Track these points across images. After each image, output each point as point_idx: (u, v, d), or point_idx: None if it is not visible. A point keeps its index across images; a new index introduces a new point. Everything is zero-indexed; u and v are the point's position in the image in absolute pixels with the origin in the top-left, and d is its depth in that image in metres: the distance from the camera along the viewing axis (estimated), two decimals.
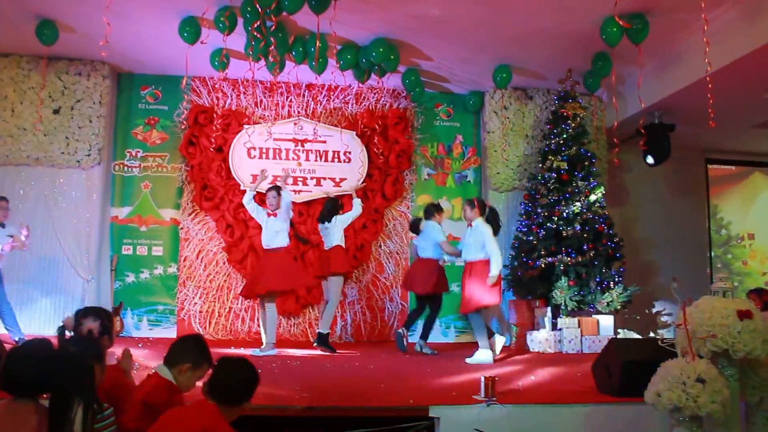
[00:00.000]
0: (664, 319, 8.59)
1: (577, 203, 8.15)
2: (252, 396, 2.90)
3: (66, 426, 2.46)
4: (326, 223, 7.49)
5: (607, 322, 8.01)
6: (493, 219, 6.91)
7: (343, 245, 7.55)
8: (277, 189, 7.17)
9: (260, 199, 7.64)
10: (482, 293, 6.59)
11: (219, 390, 2.78)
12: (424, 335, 7.46)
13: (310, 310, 8.77)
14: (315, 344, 7.45)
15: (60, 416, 2.47)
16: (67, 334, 2.96)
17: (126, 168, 8.83)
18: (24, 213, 7.95)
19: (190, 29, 7.14)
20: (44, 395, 2.70)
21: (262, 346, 6.95)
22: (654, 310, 9.54)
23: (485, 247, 6.63)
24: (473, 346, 6.88)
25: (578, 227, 8.07)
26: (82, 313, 3.10)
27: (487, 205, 7.11)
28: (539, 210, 8.38)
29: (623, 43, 6.95)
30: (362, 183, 8.87)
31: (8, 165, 8.18)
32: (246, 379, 2.88)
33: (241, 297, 8.25)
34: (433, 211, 7.54)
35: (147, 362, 5.85)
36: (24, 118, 8.18)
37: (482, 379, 4.36)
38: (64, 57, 8.29)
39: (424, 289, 7.42)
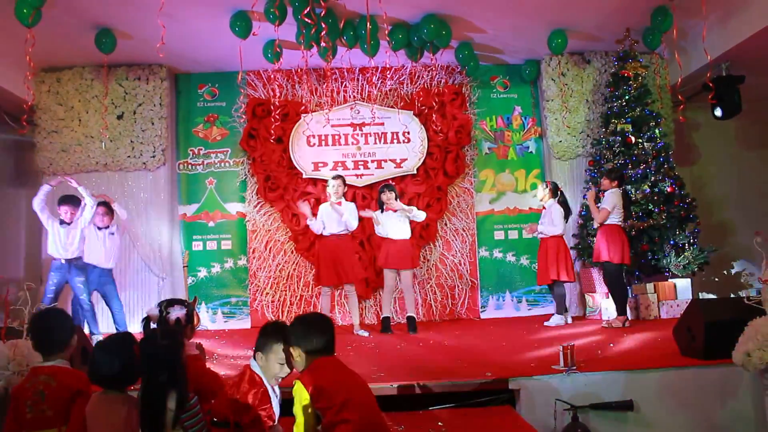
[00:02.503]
0: (746, 278, 8.27)
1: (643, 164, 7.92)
2: None
3: (162, 416, 2.54)
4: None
5: (684, 285, 7.76)
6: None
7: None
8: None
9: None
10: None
11: None
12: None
13: (379, 295, 8.74)
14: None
15: (155, 407, 2.55)
16: (152, 325, 3.05)
17: (190, 166, 9.03)
18: None
19: (241, 23, 7.23)
20: (131, 386, 2.80)
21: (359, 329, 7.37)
22: (734, 271, 9.20)
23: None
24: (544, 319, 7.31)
25: (647, 190, 7.84)
26: (168, 303, 3.18)
27: (558, 189, 7.62)
28: None
29: None
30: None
31: (80, 172, 8.46)
32: None
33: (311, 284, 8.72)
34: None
35: (224, 353, 6.06)
36: (90, 127, 8.47)
37: (560, 348, 4.30)
38: (122, 63, 8.51)
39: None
